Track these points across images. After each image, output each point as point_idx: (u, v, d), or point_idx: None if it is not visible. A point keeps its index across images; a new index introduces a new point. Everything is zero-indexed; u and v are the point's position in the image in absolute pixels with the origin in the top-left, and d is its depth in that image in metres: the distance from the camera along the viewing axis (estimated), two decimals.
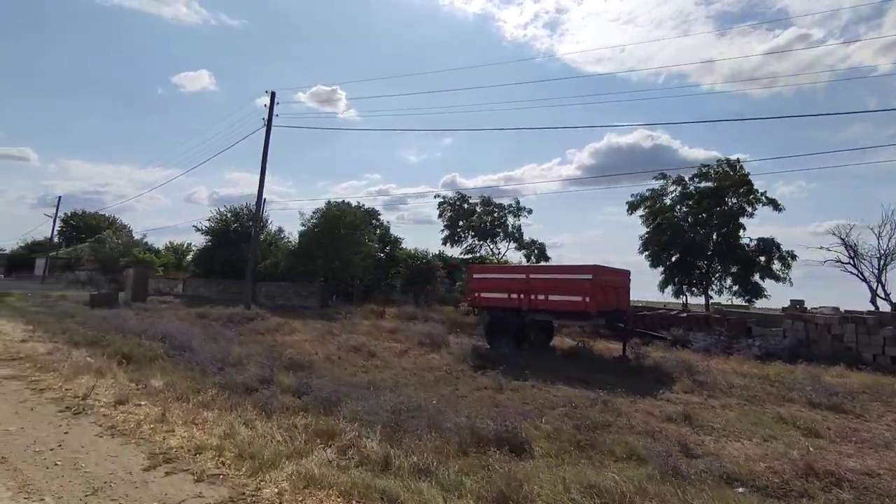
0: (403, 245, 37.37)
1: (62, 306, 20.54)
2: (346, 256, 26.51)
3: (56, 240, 52.97)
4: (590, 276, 11.63)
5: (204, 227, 31.23)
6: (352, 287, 30.48)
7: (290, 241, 35.24)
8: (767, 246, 20.33)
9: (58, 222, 50.48)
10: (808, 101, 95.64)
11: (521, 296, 12.68)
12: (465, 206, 23.70)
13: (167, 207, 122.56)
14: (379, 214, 31.41)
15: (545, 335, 14.10)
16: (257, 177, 20.77)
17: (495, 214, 23.30)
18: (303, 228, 28.20)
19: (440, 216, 23.99)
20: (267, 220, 32.35)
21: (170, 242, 47.85)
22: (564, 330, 15.73)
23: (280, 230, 35.01)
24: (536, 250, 22.60)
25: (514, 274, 13.12)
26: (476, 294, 13.70)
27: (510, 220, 23.29)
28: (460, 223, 23.75)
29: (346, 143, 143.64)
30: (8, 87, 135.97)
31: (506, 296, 12.94)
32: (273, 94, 19.94)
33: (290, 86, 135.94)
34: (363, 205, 30.93)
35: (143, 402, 5.94)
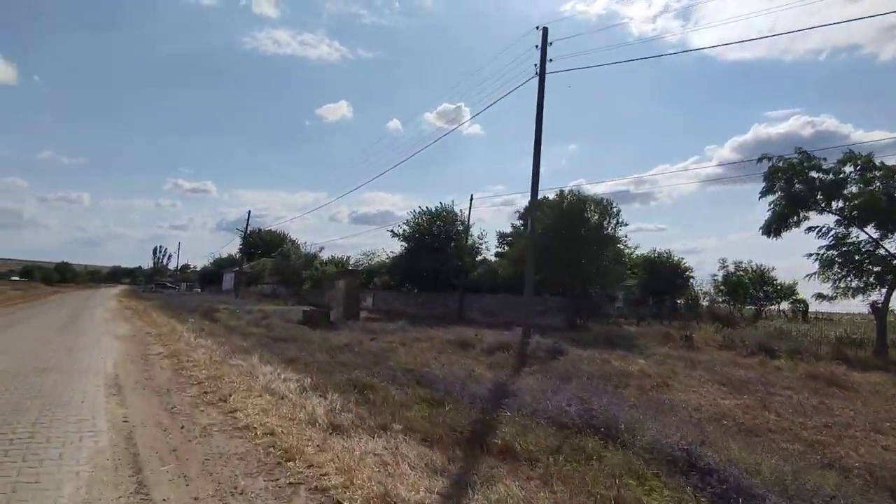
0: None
1: (279, 327, 16.79)
2: (598, 262, 19.71)
3: (237, 256, 55.15)
4: None
5: (402, 232, 26.88)
6: (587, 299, 23.55)
7: (485, 246, 29.95)
8: None
9: (237, 240, 52.34)
10: None
11: None
12: (816, 173, 15.23)
13: (313, 226, 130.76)
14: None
15: None
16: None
17: (877, 184, 14.49)
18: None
19: (767, 192, 15.85)
20: (469, 224, 27.01)
21: (332, 256, 46.27)
22: None
23: (482, 235, 29.85)
24: None
25: None
26: None
27: None
28: (802, 196, 15.24)
29: (469, 157, 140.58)
30: (195, 129, 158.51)
31: None
32: (545, 31, 13.85)
33: (419, 107, 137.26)
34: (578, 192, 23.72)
35: None
